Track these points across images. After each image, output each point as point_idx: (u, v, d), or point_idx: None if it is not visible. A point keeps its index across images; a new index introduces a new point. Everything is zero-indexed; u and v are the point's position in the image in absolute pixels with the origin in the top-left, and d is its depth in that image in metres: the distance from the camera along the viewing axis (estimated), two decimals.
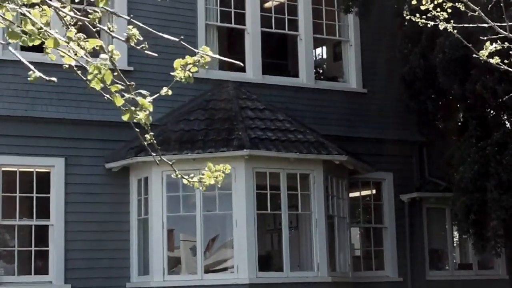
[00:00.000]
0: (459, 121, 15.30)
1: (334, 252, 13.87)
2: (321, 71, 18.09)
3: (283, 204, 13.19)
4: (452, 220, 15.43)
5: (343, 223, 14.25)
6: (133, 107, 3.10)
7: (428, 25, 6.82)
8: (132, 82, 3.14)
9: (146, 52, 3.23)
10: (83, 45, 3.03)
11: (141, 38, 3.18)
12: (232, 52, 15.73)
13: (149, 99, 3.11)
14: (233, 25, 15.07)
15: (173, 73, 3.22)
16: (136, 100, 3.10)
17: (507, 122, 13.87)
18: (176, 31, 12.01)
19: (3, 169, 12.68)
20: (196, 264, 12.83)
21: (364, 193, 16.19)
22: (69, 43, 2.97)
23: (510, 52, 6.80)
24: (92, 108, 12.96)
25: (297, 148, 13.16)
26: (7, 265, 13.06)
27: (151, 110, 3.14)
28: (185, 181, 3.62)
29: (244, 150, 12.52)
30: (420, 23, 6.86)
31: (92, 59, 3.08)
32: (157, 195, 12.80)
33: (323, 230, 13.36)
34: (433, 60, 13.83)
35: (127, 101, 3.11)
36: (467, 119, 14.50)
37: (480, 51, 6.36)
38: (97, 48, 3.07)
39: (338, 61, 16.81)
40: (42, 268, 12.85)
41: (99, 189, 13.10)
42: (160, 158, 3.63)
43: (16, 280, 12.47)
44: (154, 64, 12.87)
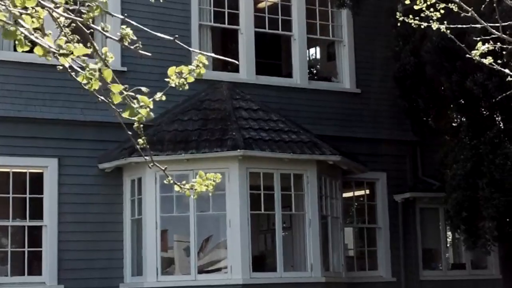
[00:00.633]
0: (452, 121, 15.28)
1: (328, 252, 13.87)
2: (315, 71, 18.07)
3: (277, 205, 13.18)
4: (446, 220, 15.42)
5: (337, 223, 14.26)
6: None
7: (422, 26, 6.83)
8: (126, 85, 3.14)
9: (140, 52, 3.23)
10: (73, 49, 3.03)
11: (135, 38, 3.18)
12: (226, 52, 15.72)
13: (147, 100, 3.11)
14: (227, 25, 15.05)
15: (167, 79, 3.22)
16: (132, 99, 3.10)
17: (501, 122, 13.85)
18: (170, 32, 11.90)
19: None
20: (190, 265, 12.82)
21: (358, 193, 16.19)
22: (59, 51, 2.96)
23: (504, 52, 6.81)
24: (86, 109, 12.92)
25: (291, 149, 13.16)
26: (0, 266, 13.03)
27: (152, 107, 3.15)
28: (177, 188, 3.62)
29: (238, 151, 12.52)
30: (414, 24, 6.86)
31: (87, 59, 3.08)
32: (151, 196, 12.78)
33: (317, 230, 13.36)
34: (424, 57, 13.80)
35: (125, 100, 3.11)
36: (460, 119, 14.50)
37: (473, 51, 6.37)
38: (90, 53, 3.07)
39: (332, 61, 16.80)
40: (36, 269, 12.82)
41: (93, 190, 13.07)
42: (153, 164, 3.62)
43: (9, 281, 12.43)
44: (148, 65, 12.84)
